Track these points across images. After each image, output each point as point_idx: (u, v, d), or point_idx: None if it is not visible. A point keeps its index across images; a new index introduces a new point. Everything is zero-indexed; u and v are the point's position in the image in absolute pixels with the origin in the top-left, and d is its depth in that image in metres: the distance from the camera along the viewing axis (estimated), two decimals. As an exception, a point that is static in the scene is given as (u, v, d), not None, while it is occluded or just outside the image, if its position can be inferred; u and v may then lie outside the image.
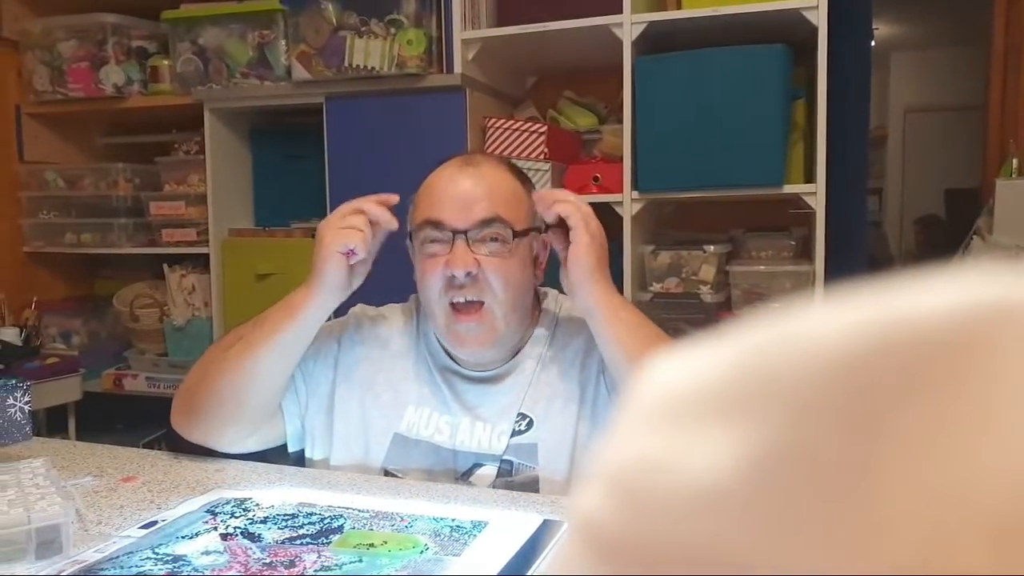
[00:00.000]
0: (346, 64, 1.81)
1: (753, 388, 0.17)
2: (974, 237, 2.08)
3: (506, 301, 0.96)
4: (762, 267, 1.71)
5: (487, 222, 0.95)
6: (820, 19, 1.57)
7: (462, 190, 0.96)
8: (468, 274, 0.94)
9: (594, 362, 1.01)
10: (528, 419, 1.00)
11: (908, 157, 5.49)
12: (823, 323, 0.17)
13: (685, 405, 0.18)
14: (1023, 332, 0.15)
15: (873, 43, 2.56)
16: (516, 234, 0.96)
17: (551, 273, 1.06)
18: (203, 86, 2.00)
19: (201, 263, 2.13)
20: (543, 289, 1.10)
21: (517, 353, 1.03)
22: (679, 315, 1.73)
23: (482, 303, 0.96)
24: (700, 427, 0.18)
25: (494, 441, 0.99)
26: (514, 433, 1.00)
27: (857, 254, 1.92)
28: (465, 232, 0.94)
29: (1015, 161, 2.14)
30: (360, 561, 0.75)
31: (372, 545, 0.78)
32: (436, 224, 0.95)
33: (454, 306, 0.96)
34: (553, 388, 1.01)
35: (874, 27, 2.91)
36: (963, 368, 0.15)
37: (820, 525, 0.16)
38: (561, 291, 1.09)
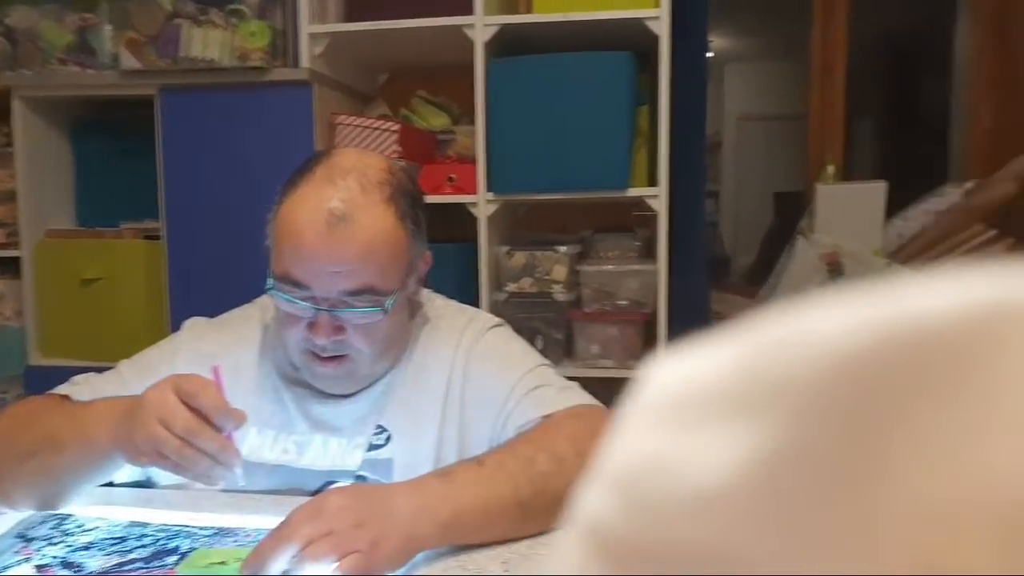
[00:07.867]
0: (182, 54, 1.69)
1: (759, 388, 0.17)
2: (798, 237, 2.26)
3: (374, 354, 0.90)
4: (610, 267, 1.77)
5: (357, 292, 0.86)
6: (662, 29, 1.64)
7: (330, 259, 0.83)
8: (333, 341, 0.87)
9: (459, 388, 0.94)
10: (387, 434, 0.94)
11: (741, 162, 5.90)
12: (829, 322, 0.17)
13: (690, 405, 0.18)
14: None
15: (710, 54, 2.73)
16: (389, 296, 0.88)
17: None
18: (11, 71, 1.81)
19: (11, 268, 1.92)
20: (422, 291, 1.01)
21: None
22: (533, 314, 1.76)
23: (346, 355, 0.89)
24: (706, 427, 0.17)
25: (348, 456, 0.93)
26: (371, 447, 0.93)
27: (697, 253, 2.03)
28: (329, 308, 0.85)
29: (831, 168, 2.35)
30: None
31: (224, 563, 0.73)
32: (299, 286, 0.85)
33: (313, 353, 0.89)
34: (415, 403, 0.94)
35: (709, 39, 3.10)
36: (971, 367, 0.15)
37: (827, 525, 0.16)
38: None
